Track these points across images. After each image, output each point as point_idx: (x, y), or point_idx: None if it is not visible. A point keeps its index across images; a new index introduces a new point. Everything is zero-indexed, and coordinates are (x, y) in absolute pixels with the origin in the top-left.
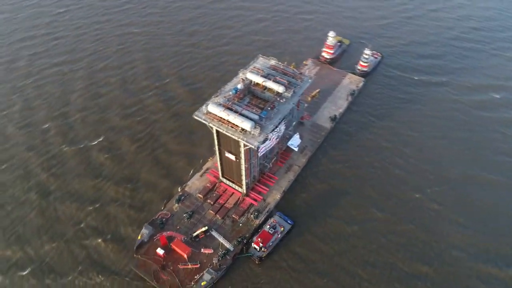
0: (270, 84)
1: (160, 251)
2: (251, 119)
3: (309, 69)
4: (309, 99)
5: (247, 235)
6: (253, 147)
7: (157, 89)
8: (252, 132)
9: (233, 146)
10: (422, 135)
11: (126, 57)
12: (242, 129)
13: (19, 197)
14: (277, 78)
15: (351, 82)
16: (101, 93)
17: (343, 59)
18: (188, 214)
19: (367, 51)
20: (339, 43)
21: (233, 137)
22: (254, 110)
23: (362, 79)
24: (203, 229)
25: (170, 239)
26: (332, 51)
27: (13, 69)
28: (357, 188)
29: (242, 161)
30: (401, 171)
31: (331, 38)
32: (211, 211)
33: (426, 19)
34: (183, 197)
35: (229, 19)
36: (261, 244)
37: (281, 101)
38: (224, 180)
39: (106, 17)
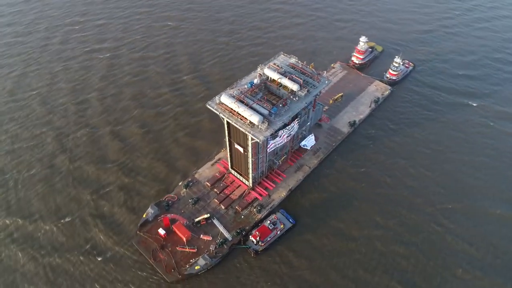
0: (285, 81)
1: (161, 231)
2: (260, 113)
3: (336, 72)
4: (331, 102)
5: (247, 228)
6: (258, 141)
7: (182, 83)
8: (260, 127)
9: (242, 139)
10: (442, 156)
11: (159, 50)
12: (250, 122)
13: (37, 175)
14: (293, 76)
15: (377, 89)
16: (128, 82)
17: (373, 65)
18: (194, 200)
19: (397, 59)
20: (370, 49)
21: (241, 129)
22: (265, 105)
23: (389, 87)
24: (206, 216)
25: (173, 221)
26: (362, 56)
27: (52, 51)
28: (364, 201)
29: (249, 154)
30: (412, 190)
31: (362, 43)
32: (216, 200)
33: (471, 36)
34: (191, 183)
35: (266, 20)
36: (258, 238)
37: (294, 99)
38: (233, 171)
39: (147, 9)
